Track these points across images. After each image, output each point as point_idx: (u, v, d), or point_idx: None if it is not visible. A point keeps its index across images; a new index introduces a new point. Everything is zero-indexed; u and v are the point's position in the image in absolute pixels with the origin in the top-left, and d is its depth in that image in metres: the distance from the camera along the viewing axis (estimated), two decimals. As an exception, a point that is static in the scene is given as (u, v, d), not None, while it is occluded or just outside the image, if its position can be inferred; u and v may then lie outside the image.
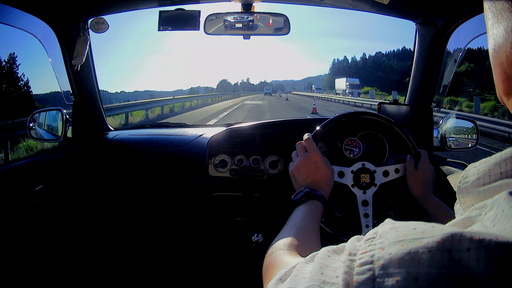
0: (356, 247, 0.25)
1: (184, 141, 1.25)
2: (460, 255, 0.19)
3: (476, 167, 0.27)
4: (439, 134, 1.22)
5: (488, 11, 0.28)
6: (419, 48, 1.21)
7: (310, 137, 0.83)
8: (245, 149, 1.17)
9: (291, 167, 0.83)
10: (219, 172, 1.16)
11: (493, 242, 0.19)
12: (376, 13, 1.19)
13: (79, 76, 1.26)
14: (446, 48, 1.15)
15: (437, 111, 1.23)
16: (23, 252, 1.06)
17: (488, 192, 0.25)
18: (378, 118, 0.98)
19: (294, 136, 1.09)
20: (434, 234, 0.21)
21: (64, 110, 1.24)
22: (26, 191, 1.03)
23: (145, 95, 56.35)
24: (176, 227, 1.35)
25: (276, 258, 0.49)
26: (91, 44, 1.26)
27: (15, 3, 0.99)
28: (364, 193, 0.92)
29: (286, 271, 0.32)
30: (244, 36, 1.17)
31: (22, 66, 11.02)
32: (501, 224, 0.21)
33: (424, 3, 1.07)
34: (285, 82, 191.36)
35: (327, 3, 1.18)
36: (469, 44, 1.14)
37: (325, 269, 0.26)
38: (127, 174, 1.28)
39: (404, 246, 0.21)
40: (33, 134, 1.23)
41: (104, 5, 1.16)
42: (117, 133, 1.37)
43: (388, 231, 0.24)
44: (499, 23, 0.26)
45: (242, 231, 1.20)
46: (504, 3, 0.26)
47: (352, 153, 1.05)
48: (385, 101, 1.23)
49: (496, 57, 0.27)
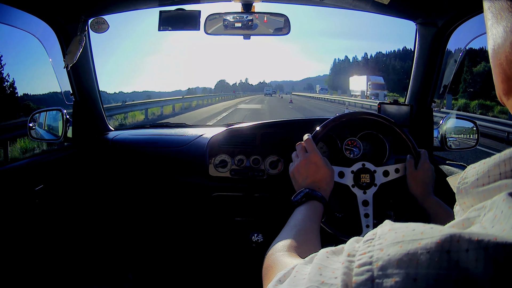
0: (355, 248, 0.25)
1: (184, 141, 1.26)
2: (458, 256, 0.19)
3: (475, 168, 0.27)
4: (439, 134, 1.22)
5: (488, 11, 0.28)
6: (419, 48, 1.21)
7: (310, 138, 0.83)
8: (245, 149, 1.17)
9: (291, 168, 0.83)
10: (219, 172, 1.16)
11: (491, 243, 0.19)
12: (376, 13, 1.19)
13: (79, 76, 1.26)
14: (446, 48, 1.15)
15: (437, 111, 1.23)
16: (23, 252, 1.06)
17: (487, 193, 0.25)
18: (378, 118, 0.98)
19: (294, 136, 1.09)
20: (433, 235, 0.21)
21: (64, 110, 1.24)
22: (26, 191, 1.03)
23: (143, 96, 55.98)
24: (176, 227, 1.36)
25: (275, 259, 0.49)
26: (91, 44, 1.26)
27: (15, 3, 0.99)
28: (364, 193, 0.92)
29: (285, 272, 0.32)
30: (244, 36, 1.16)
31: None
32: (500, 225, 0.21)
33: (424, 3, 1.07)
34: (284, 82, 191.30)
35: (327, 3, 1.18)
36: (469, 44, 1.14)
37: (323, 270, 0.26)
38: (127, 174, 1.28)
39: (402, 247, 0.21)
40: (33, 134, 1.23)
41: (104, 5, 1.16)
42: (117, 133, 1.37)
43: (387, 232, 0.24)
44: (498, 23, 0.26)
45: (242, 231, 1.20)
46: (504, 3, 0.26)
47: (352, 153, 1.05)
48: (385, 101, 1.23)
49: (496, 58, 0.27)
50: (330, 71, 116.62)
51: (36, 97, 12.37)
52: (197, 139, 1.25)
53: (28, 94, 10.80)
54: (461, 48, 1.15)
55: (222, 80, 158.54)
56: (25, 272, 1.08)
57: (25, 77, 22.38)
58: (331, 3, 1.19)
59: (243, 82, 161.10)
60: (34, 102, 10.57)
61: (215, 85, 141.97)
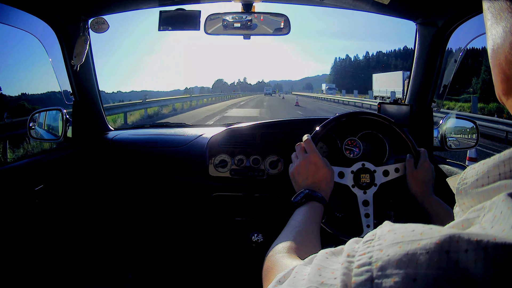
0: (354, 249, 0.25)
1: (184, 141, 1.26)
2: (458, 257, 0.19)
3: (475, 168, 0.27)
4: (439, 134, 1.22)
5: (487, 12, 0.28)
6: (419, 48, 1.21)
7: (309, 138, 0.83)
8: (245, 149, 1.17)
9: (291, 168, 0.83)
10: (219, 172, 1.16)
11: (491, 243, 0.19)
12: (376, 13, 1.19)
13: (79, 76, 1.26)
14: (446, 48, 1.15)
15: (437, 111, 1.23)
16: (23, 252, 1.06)
17: (487, 194, 0.25)
18: (378, 118, 0.98)
19: (294, 136, 1.09)
20: (432, 236, 0.21)
21: (64, 110, 1.24)
22: (26, 191, 1.03)
23: (140, 95, 55.42)
24: (176, 227, 1.36)
25: (275, 261, 0.49)
26: (91, 44, 1.26)
27: (15, 3, 0.99)
28: (364, 193, 0.92)
29: (285, 274, 0.32)
30: (244, 36, 1.17)
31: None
32: (499, 225, 0.21)
33: (424, 3, 1.07)
34: (283, 82, 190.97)
35: (327, 3, 1.18)
36: (469, 44, 1.14)
37: (323, 270, 0.26)
38: (127, 174, 1.28)
39: (402, 248, 0.22)
40: (33, 134, 1.23)
41: (104, 5, 1.16)
42: (117, 133, 1.37)
43: (386, 233, 0.24)
44: (497, 23, 0.26)
45: (242, 231, 1.20)
46: (503, 4, 0.26)
47: (352, 153, 1.05)
48: (385, 101, 1.23)
49: (495, 58, 0.27)
50: (330, 70, 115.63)
51: (35, 96, 12.34)
52: (197, 139, 1.25)
53: (26, 94, 10.79)
54: (461, 48, 1.15)
55: (219, 79, 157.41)
56: (25, 272, 1.08)
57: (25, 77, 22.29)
58: (331, 3, 1.19)
59: (241, 81, 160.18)
60: (34, 102, 10.56)
61: (212, 84, 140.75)
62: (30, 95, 13.22)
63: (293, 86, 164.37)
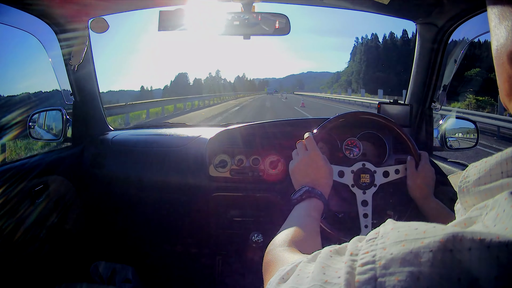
0: (357, 247, 0.25)
1: (184, 141, 1.25)
2: (461, 255, 0.19)
3: (477, 166, 0.27)
4: (439, 134, 1.22)
5: (491, 13, 0.28)
6: (419, 48, 1.21)
7: (311, 136, 0.83)
8: (245, 149, 1.17)
9: (292, 165, 0.82)
10: (219, 172, 1.16)
11: (494, 241, 0.19)
12: (376, 13, 1.19)
13: (79, 76, 1.26)
14: (446, 48, 1.15)
15: (437, 111, 1.24)
16: (23, 252, 1.06)
17: (489, 192, 0.25)
18: (378, 118, 0.98)
19: (294, 136, 1.09)
20: (436, 234, 0.21)
21: (64, 110, 1.24)
22: (26, 191, 1.03)
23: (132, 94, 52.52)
24: (176, 227, 1.35)
25: (276, 254, 0.49)
26: (91, 44, 1.26)
27: (15, 3, 0.98)
28: (364, 193, 0.92)
29: (288, 270, 0.31)
30: (244, 36, 1.16)
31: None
32: (502, 223, 0.21)
33: (424, 3, 1.07)
34: (268, 79, 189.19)
35: (327, 3, 1.18)
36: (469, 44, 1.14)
37: (327, 269, 0.26)
38: (127, 174, 1.28)
39: (405, 246, 0.21)
40: (33, 134, 1.23)
41: (104, 5, 1.16)
42: (117, 133, 1.37)
43: (389, 231, 0.24)
44: (501, 23, 0.26)
45: (242, 231, 1.20)
46: (506, 4, 0.26)
47: (352, 153, 1.05)
48: (385, 101, 1.23)
49: (498, 57, 0.27)
50: (350, 56, 79.30)
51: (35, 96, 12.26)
52: (197, 139, 1.25)
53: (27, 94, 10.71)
54: (461, 48, 1.16)
55: (181, 73, 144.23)
56: (25, 272, 1.07)
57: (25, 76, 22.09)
58: (331, 3, 1.19)
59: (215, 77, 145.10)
60: (33, 102, 10.51)
61: (171, 81, 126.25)
62: (30, 94, 13.15)
63: (282, 83, 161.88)
